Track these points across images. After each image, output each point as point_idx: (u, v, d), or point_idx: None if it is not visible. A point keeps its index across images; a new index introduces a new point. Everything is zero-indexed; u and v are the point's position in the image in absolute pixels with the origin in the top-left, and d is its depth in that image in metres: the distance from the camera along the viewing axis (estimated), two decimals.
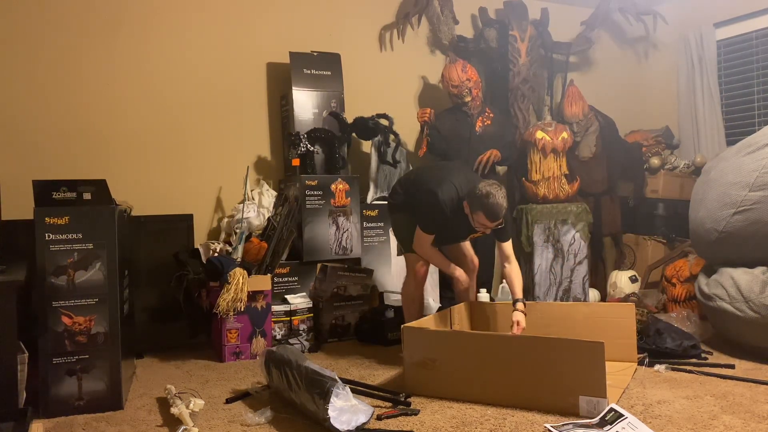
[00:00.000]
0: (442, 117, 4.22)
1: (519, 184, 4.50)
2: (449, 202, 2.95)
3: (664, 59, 5.39)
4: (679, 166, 4.84)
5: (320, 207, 3.87)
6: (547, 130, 4.29)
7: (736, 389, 2.58)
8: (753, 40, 4.86)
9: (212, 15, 4.02)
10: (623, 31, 5.44)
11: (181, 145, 3.91)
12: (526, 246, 4.21)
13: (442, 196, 2.95)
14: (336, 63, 4.17)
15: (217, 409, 2.52)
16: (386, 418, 2.33)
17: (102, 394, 2.53)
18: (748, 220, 3.10)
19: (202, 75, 3.98)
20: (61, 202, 2.53)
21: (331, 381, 2.20)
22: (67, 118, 3.63)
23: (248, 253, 3.47)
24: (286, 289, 3.77)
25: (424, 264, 3.18)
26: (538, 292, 4.17)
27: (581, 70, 5.27)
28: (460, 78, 4.16)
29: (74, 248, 2.51)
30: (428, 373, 2.58)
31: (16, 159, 3.48)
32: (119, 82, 3.77)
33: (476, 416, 2.33)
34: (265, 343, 3.38)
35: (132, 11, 3.80)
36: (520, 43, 4.64)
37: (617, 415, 2.17)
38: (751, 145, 3.25)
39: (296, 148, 3.85)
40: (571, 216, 4.19)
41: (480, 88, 4.28)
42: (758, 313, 2.95)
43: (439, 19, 4.65)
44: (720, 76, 5.04)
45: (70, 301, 2.50)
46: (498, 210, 2.80)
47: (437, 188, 2.98)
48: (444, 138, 4.15)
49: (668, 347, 3.04)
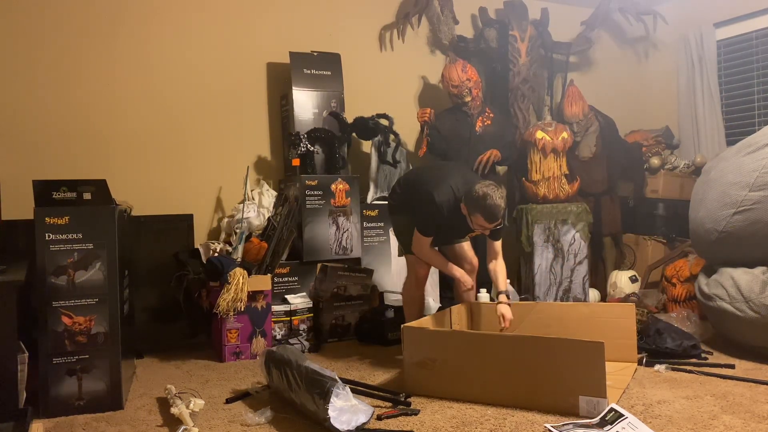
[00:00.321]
0: (442, 117, 4.22)
1: (519, 184, 4.50)
2: (446, 203, 2.93)
3: (664, 59, 5.39)
4: (679, 166, 4.84)
5: (320, 207, 3.87)
6: (547, 130, 4.29)
7: (736, 389, 2.58)
8: (753, 40, 4.86)
9: (212, 15, 4.02)
10: (623, 31, 5.44)
11: (181, 145, 3.91)
12: (526, 246, 4.21)
13: (438, 198, 2.93)
14: (336, 63, 4.17)
15: (217, 409, 2.52)
16: (386, 418, 2.33)
17: (102, 394, 2.53)
18: (748, 220, 3.10)
19: (202, 75, 3.98)
20: (61, 202, 2.53)
21: (331, 381, 2.20)
22: (67, 118, 3.63)
23: (248, 253, 3.47)
24: (286, 289, 3.77)
25: (424, 265, 3.17)
26: (538, 292, 4.17)
27: (581, 70, 5.27)
28: (460, 78, 4.16)
29: (74, 248, 2.50)
30: (428, 373, 2.58)
31: (16, 159, 3.48)
32: (119, 82, 3.77)
33: (476, 416, 2.33)
34: (265, 343, 3.38)
35: (132, 11, 3.81)
36: (520, 43, 4.64)
37: (617, 415, 2.17)
38: (751, 145, 3.25)
39: (296, 148, 3.85)
40: (571, 216, 4.19)
41: (480, 88, 4.27)
42: (758, 313, 2.95)
43: (439, 19, 4.65)
44: (720, 76, 5.04)
45: (70, 301, 2.50)
46: (496, 211, 2.78)
47: (434, 190, 2.96)
48: (444, 138, 4.15)
49: (668, 347, 3.04)
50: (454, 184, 2.97)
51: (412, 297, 3.27)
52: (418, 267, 3.17)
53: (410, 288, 3.26)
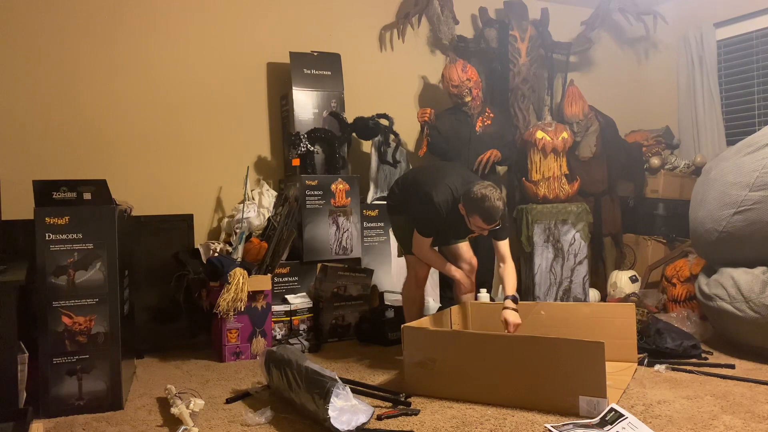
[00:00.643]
0: (442, 117, 4.22)
1: (519, 184, 4.50)
2: (444, 204, 2.91)
3: (664, 59, 5.39)
4: (679, 166, 4.84)
5: (320, 207, 3.87)
6: (547, 130, 4.29)
7: (736, 389, 2.58)
8: (753, 40, 4.86)
9: (212, 15, 4.02)
10: (623, 31, 5.44)
11: (181, 145, 3.91)
12: (526, 246, 4.21)
13: (437, 199, 2.91)
14: (336, 63, 4.17)
15: (218, 409, 2.52)
16: (386, 418, 2.33)
17: (102, 394, 2.53)
18: (748, 220, 3.10)
19: (202, 75, 3.98)
20: (61, 202, 2.53)
21: (331, 381, 2.20)
22: (67, 118, 3.63)
23: (248, 253, 3.47)
24: (286, 289, 3.77)
25: (424, 265, 3.17)
26: (538, 292, 4.17)
27: (581, 70, 5.27)
28: (460, 78, 4.16)
29: (74, 248, 2.50)
30: (428, 373, 2.58)
31: (16, 159, 3.48)
32: (119, 81, 3.77)
33: (476, 416, 2.33)
34: (265, 343, 3.38)
35: (132, 11, 3.80)
36: (520, 43, 4.64)
37: (617, 415, 2.17)
38: (751, 145, 3.25)
39: (296, 148, 3.85)
40: (571, 216, 4.19)
41: (480, 88, 4.27)
42: (758, 313, 2.95)
43: (439, 19, 4.64)
44: (720, 76, 5.04)
45: (70, 301, 2.50)
46: (494, 213, 2.76)
47: (432, 190, 2.94)
48: (444, 138, 4.15)
49: (668, 347, 3.04)
50: (453, 184, 2.95)
51: (413, 297, 3.27)
52: (418, 267, 3.17)
53: (410, 288, 3.26)
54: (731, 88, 5.02)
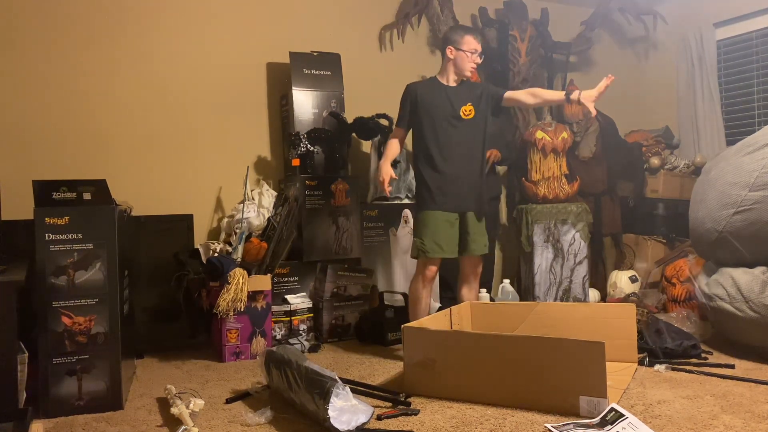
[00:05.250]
0: None
1: (519, 184, 4.50)
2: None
3: (664, 59, 5.39)
4: (679, 166, 4.84)
5: (320, 207, 3.86)
6: (547, 130, 4.29)
7: (736, 389, 2.58)
8: (753, 40, 4.86)
9: (212, 15, 4.02)
10: (623, 31, 5.44)
11: (181, 145, 3.91)
12: (525, 246, 4.21)
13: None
14: (336, 63, 4.17)
15: (217, 409, 2.52)
16: (386, 418, 2.33)
17: (102, 394, 2.53)
18: (748, 220, 3.10)
19: (202, 75, 3.98)
20: (61, 202, 2.53)
21: (331, 381, 2.20)
22: (67, 118, 3.63)
23: (248, 253, 3.47)
24: (286, 289, 3.77)
25: (432, 266, 3.19)
26: (538, 292, 4.17)
27: (581, 70, 5.27)
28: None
29: (74, 248, 2.50)
30: (428, 373, 2.58)
31: (16, 159, 3.48)
32: (119, 81, 3.77)
33: (476, 416, 2.33)
34: (265, 343, 3.38)
35: (132, 11, 3.80)
36: (520, 43, 4.64)
37: (618, 415, 2.17)
38: (751, 145, 3.25)
39: (296, 148, 3.85)
40: (571, 216, 4.19)
41: None
42: (758, 313, 2.95)
43: (439, 19, 4.64)
44: (720, 76, 5.04)
45: (70, 301, 2.50)
46: (466, 27, 3.07)
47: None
48: None
49: (668, 347, 3.04)
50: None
51: (419, 296, 3.27)
52: (427, 267, 3.19)
53: (417, 287, 3.26)
54: (731, 88, 5.02)
